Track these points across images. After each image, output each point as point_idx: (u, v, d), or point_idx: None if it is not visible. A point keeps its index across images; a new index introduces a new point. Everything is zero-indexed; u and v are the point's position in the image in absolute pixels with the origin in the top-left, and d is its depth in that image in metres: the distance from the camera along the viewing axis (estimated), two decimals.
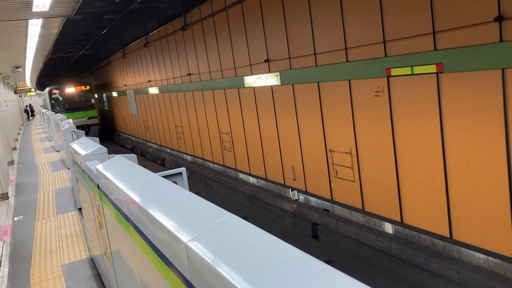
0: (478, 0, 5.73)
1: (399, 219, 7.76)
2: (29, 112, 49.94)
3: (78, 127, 22.35)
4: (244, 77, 11.94)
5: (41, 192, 10.80)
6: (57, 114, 20.15)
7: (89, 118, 30.53)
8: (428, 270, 6.98)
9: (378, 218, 8.21)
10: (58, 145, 16.64)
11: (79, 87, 30.93)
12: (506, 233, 5.95)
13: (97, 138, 5.68)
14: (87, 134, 18.57)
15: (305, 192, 10.38)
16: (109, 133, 33.97)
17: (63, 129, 9.88)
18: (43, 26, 10.91)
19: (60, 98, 30.29)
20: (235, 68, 12.52)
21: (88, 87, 31.42)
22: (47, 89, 31.09)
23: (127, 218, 2.79)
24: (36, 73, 30.11)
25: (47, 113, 23.60)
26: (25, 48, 15.22)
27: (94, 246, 5.44)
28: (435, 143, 6.75)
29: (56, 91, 30.40)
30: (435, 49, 6.41)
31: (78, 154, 5.20)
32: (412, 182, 7.37)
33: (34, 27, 10.94)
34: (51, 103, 30.32)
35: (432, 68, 6.48)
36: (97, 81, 35.72)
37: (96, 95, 34.68)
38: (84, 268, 5.93)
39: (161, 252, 2.07)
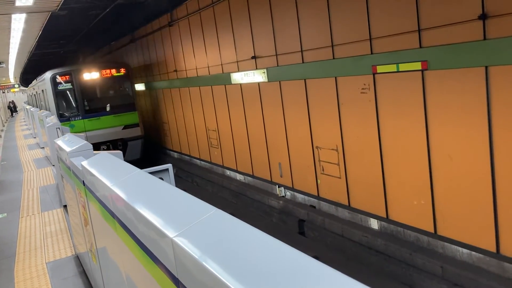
0: None
1: (384, 215, 7.83)
2: (12, 108, 49.24)
3: (107, 143, 16.77)
4: (230, 74, 11.91)
5: (25, 189, 10.66)
6: (69, 121, 16.15)
7: (126, 127, 17.37)
8: (413, 266, 7.06)
9: (364, 214, 8.28)
10: (43, 141, 16.44)
11: (108, 70, 17.30)
12: (489, 228, 6.05)
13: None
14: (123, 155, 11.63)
15: (292, 189, 10.41)
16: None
17: (47, 125, 9.76)
18: (27, 21, 10.76)
19: (74, 92, 16.67)
20: (221, 64, 12.48)
21: (123, 70, 17.57)
22: (47, 75, 16.69)
23: (112, 214, 2.77)
24: (19, 69, 29.65)
25: (41, 113, 15.07)
26: (8, 44, 15.00)
27: (80, 243, 5.39)
28: (420, 140, 6.82)
29: (65, 79, 16.59)
30: (420, 47, 6.47)
31: (63, 151, 5.15)
32: (397, 178, 7.44)
33: (18, 22, 10.79)
34: (56, 101, 16.48)
35: (417, 66, 6.54)
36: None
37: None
38: (69, 266, 5.88)
39: (147, 249, 2.06)
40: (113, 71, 17.28)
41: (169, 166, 3.56)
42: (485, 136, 5.86)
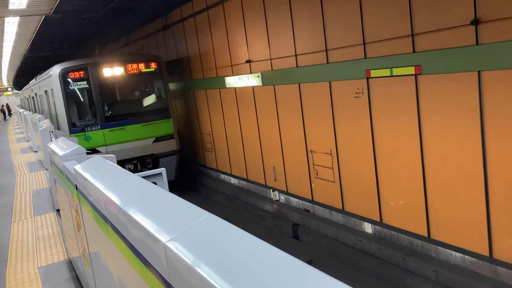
0: (455, 4, 5.83)
1: (378, 219, 7.84)
2: (6, 112, 49.00)
3: (133, 160, 12.71)
4: (225, 78, 11.91)
5: (17, 193, 10.59)
6: (83, 131, 12.21)
7: (158, 139, 13.45)
8: (406, 270, 7.07)
9: (358, 218, 8.29)
10: (36, 145, 16.35)
11: (135, 65, 13.31)
12: (482, 232, 6.07)
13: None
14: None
15: (286, 193, 10.41)
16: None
17: (40, 129, 9.71)
18: (20, 25, 10.72)
19: (92, 93, 12.72)
20: (216, 68, 12.49)
21: (154, 65, 13.57)
22: (55, 71, 12.58)
23: (105, 219, 2.76)
24: (13, 72, 29.53)
25: (34, 117, 13.90)
26: (1, 47, 14.94)
27: (72, 247, 5.36)
28: (413, 144, 6.85)
29: (79, 75, 12.64)
30: (413, 51, 6.50)
31: (56, 155, 5.12)
32: (391, 182, 7.46)
33: (11, 25, 10.75)
34: (67, 105, 12.52)
35: (411, 70, 6.57)
36: None
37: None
38: (61, 270, 5.83)
39: (140, 253, 2.05)
40: (142, 65, 13.19)
41: (162, 170, 3.55)
42: (478, 140, 5.89)
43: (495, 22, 5.38)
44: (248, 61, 10.74)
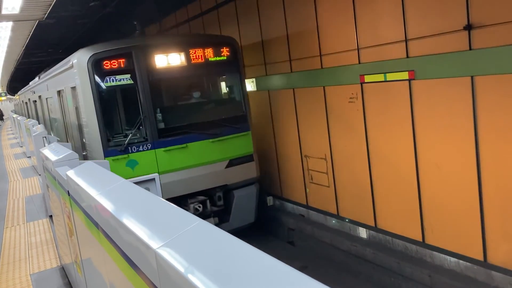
0: (448, 9, 5.86)
1: (373, 224, 7.84)
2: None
3: (200, 196, 8.62)
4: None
5: (10, 199, 10.52)
6: (126, 153, 7.87)
7: (232, 162, 8.95)
8: (401, 274, 7.06)
9: (353, 223, 8.28)
10: (29, 151, 16.26)
11: (200, 50, 8.65)
12: (476, 236, 6.07)
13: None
14: (222, 215, 8.87)
15: (281, 198, 10.39)
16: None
17: (34, 134, 9.66)
18: (14, 30, 10.69)
19: (138, 93, 8.08)
20: None
21: (226, 51, 8.96)
22: (81, 58, 7.97)
23: (97, 225, 2.74)
24: (7, 77, 29.41)
25: (28, 122, 12.04)
26: None
27: (65, 254, 5.32)
28: (407, 149, 6.86)
29: (118, 65, 7.91)
30: (407, 56, 6.53)
31: (48, 160, 5.09)
32: (385, 187, 7.46)
33: (4, 30, 10.71)
34: (100, 111, 7.85)
35: (405, 75, 6.59)
36: None
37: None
38: (54, 277, 5.78)
39: (131, 260, 2.03)
40: (209, 51, 8.69)
41: (155, 176, 3.53)
42: (471, 144, 5.91)
43: (488, 28, 5.41)
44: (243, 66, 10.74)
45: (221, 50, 8.86)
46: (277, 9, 9.13)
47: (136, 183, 2.96)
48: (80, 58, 8.06)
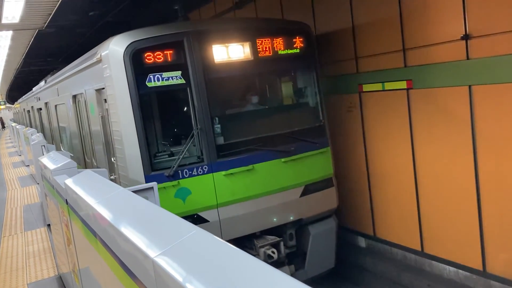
0: (446, 19, 5.90)
1: (372, 233, 7.82)
2: (0, 124, 48.81)
3: (267, 234, 6.50)
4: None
5: (8, 208, 10.48)
6: (174, 179, 5.71)
7: (309, 189, 6.67)
8: (400, 284, 7.03)
9: (352, 232, 8.25)
10: (28, 159, 16.24)
11: (268, 40, 6.41)
12: (475, 246, 6.06)
13: None
14: (295, 260, 6.79)
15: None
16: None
17: (32, 143, 9.66)
18: (13, 39, 10.73)
19: (192, 97, 5.93)
20: None
21: (299, 42, 6.69)
22: (113, 49, 5.76)
23: (95, 233, 2.73)
24: (6, 86, 29.47)
25: (27, 131, 10.96)
26: None
27: (63, 263, 5.29)
28: (406, 158, 6.86)
29: (164, 59, 5.77)
30: (405, 66, 6.55)
31: (47, 169, 5.08)
32: (385, 196, 7.45)
33: (4, 39, 10.76)
34: (141, 121, 5.65)
35: (403, 84, 6.62)
36: None
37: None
38: (51, 287, 5.75)
39: (128, 269, 2.03)
40: (279, 42, 6.61)
41: (154, 184, 3.53)
42: (469, 153, 5.91)
43: (486, 37, 5.45)
44: None
45: (294, 40, 6.72)
46: None
47: (135, 191, 2.95)
48: (113, 49, 5.88)
